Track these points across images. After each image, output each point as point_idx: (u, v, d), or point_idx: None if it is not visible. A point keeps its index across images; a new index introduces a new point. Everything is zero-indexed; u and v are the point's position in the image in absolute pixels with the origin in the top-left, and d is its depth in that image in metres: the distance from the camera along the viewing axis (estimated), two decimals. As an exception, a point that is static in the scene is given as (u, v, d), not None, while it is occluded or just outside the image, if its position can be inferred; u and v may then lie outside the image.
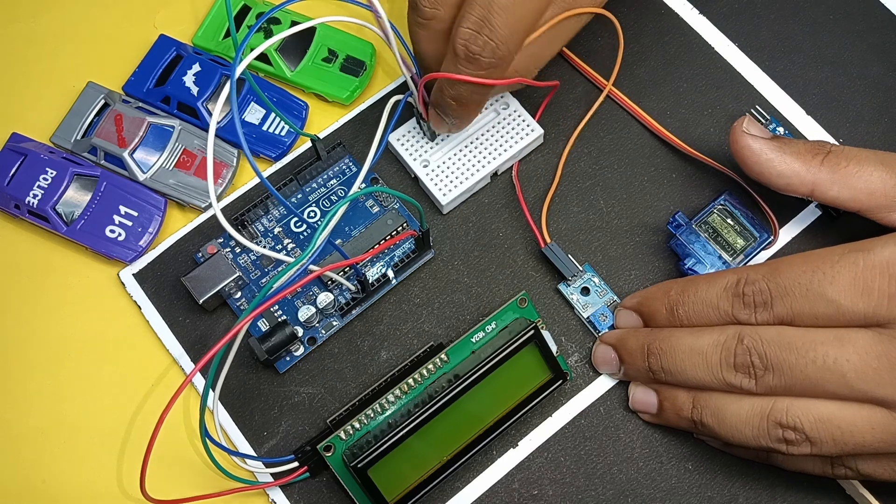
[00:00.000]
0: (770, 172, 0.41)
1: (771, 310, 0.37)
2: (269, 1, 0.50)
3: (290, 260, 0.38)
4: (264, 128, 0.48)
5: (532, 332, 0.41)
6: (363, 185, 0.46)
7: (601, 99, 0.48)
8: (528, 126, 0.47)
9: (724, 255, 0.43)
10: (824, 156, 0.40)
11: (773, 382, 0.37)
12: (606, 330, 0.44)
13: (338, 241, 0.45)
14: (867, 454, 0.37)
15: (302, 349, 0.44)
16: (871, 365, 0.35)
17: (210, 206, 0.46)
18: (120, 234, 0.46)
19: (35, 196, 0.45)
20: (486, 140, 0.46)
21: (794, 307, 0.37)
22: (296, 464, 0.41)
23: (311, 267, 0.39)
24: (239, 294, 0.45)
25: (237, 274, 0.43)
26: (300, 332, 0.44)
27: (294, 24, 0.49)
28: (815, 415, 0.36)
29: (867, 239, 0.37)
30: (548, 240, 0.45)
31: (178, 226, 0.47)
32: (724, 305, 0.39)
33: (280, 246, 0.46)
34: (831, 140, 0.48)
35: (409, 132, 0.47)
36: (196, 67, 0.48)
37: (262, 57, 0.49)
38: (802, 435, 0.36)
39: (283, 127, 0.48)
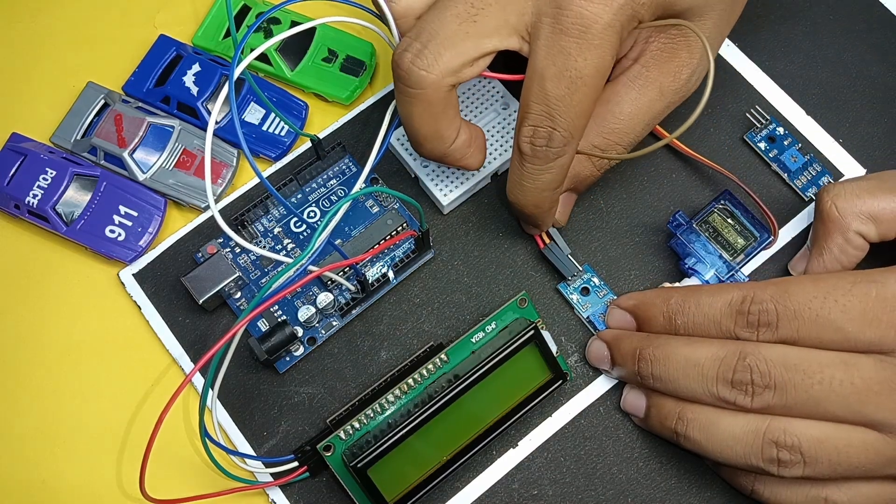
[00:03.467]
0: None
1: (776, 331, 0.37)
2: (269, 1, 0.50)
3: (289, 261, 0.38)
4: (264, 128, 0.48)
5: (532, 332, 0.41)
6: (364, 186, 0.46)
7: None
8: (528, 126, 0.46)
9: (725, 255, 0.43)
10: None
11: (773, 401, 0.37)
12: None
13: (338, 241, 0.45)
14: (855, 477, 0.37)
15: (302, 349, 0.44)
16: (873, 389, 0.36)
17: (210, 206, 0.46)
18: (120, 234, 0.46)
19: (35, 196, 0.45)
20: (487, 140, 0.46)
21: (800, 330, 0.37)
22: (296, 464, 0.41)
23: (311, 267, 0.39)
24: (239, 294, 0.45)
25: (237, 274, 0.43)
26: (300, 332, 0.44)
27: (294, 24, 0.49)
28: (813, 435, 0.36)
29: (878, 269, 0.37)
30: (547, 240, 0.45)
31: (178, 226, 0.47)
32: (727, 322, 0.39)
33: (280, 246, 0.46)
34: (831, 140, 0.48)
35: (409, 132, 0.47)
36: (196, 67, 0.48)
37: (262, 57, 0.49)
38: (798, 455, 0.36)
39: (283, 127, 0.48)
